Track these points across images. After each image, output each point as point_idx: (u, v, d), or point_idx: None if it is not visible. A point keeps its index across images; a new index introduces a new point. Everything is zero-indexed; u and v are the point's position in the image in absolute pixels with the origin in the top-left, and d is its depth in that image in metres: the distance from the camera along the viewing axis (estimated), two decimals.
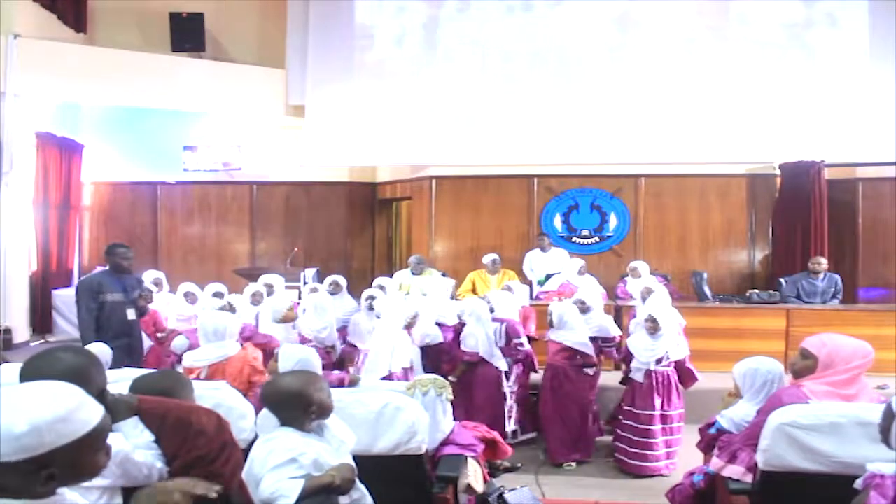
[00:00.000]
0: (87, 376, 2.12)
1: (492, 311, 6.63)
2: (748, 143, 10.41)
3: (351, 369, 6.06)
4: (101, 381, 2.25)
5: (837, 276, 8.94)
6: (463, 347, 6.36)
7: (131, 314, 6.20)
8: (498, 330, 6.40)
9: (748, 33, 10.60)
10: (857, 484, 2.49)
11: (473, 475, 3.86)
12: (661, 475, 5.79)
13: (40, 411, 1.63)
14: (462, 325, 6.62)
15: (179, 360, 5.41)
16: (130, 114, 11.74)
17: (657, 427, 5.82)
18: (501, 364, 6.37)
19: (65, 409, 1.67)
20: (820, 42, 10.48)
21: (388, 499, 3.00)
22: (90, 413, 1.72)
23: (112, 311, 6.11)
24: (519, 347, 6.43)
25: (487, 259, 9.46)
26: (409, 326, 6.21)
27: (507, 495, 3.92)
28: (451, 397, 3.93)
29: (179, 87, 11.15)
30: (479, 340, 6.32)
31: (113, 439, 1.79)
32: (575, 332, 6.20)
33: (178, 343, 6.01)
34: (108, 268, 6.40)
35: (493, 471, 4.16)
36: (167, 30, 11.40)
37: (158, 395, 2.54)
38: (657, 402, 5.83)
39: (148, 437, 2.34)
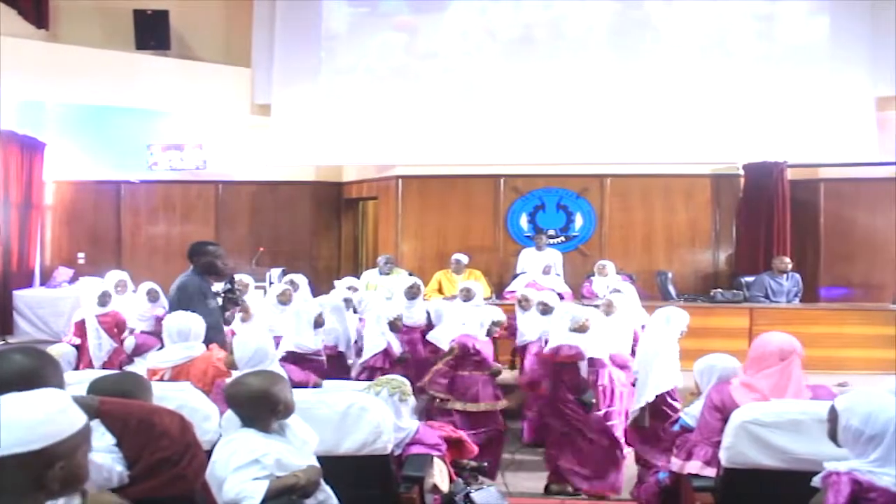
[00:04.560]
0: (40, 378, 2.08)
1: (355, 311, 6.54)
2: (712, 144, 10.51)
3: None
4: (56, 382, 2.20)
5: (798, 276, 9.11)
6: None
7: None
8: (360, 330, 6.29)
9: (712, 35, 10.71)
10: (816, 481, 2.52)
11: (439, 475, 3.86)
12: None
13: (46, 398, 1.71)
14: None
15: (130, 360, 5.29)
16: (94, 112, 11.52)
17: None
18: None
19: (64, 398, 1.76)
20: (783, 43, 10.60)
21: (354, 499, 2.99)
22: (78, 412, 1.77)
23: (216, 319, 5.27)
24: None
25: (453, 259, 9.56)
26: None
27: (473, 495, 3.92)
28: (407, 397, 3.87)
29: (144, 86, 11.00)
30: (339, 335, 6.13)
31: None
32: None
33: (127, 343, 5.86)
34: (191, 272, 5.40)
35: (458, 470, 4.15)
36: (131, 27, 11.21)
37: (117, 398, 2.50)
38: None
39: (109, 439, 2.31)
